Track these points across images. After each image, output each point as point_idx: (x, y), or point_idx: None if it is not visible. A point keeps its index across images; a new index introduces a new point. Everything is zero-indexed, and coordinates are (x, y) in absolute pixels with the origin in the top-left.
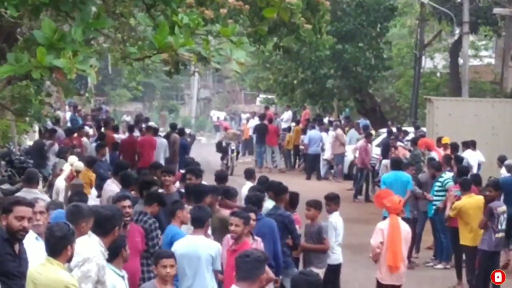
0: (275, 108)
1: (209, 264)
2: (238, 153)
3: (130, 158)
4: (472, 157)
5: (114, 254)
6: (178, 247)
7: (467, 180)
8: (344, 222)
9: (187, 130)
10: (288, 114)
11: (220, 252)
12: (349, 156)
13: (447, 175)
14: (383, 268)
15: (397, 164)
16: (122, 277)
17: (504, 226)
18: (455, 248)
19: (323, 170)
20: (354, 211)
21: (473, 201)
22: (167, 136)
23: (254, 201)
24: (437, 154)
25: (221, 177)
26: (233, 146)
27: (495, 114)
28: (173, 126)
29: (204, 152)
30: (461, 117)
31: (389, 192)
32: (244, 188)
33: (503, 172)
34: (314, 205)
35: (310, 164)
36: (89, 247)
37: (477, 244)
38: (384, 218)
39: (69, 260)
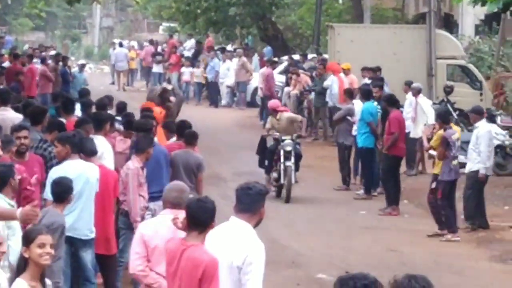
0: (178, 37)
1: (95, 187)
2: (300, 157)
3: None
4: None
5: (2, 183)
6: (69, 171)
7: (446, 112)
8: (246, 149)
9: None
10: (191, 43)
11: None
12: (253, 84)
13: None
14: None
15: (369, 94)
16: (12, 206)
17: (457, 153)
18: (388, 175)
19: (226, 97)
20: (256, 138)
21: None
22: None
23: (145, 128)
24: (338, 80)
25: (101, 105)
26: (288, 145)
27: (396, 40)
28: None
29: (107, 80)
30: (363, 44)
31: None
32: None
33: (409, 97)
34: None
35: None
36: None
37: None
38: None
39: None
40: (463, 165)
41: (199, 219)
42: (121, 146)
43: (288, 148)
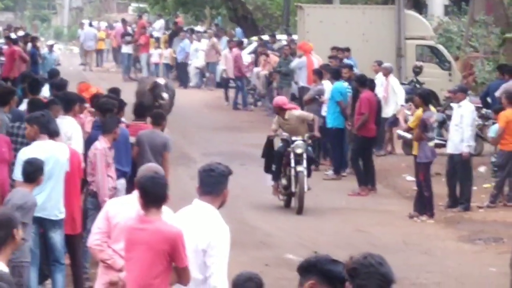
0: (148, 17)
1: (65, 167)
2: (312, 160)
3: None
4: None
5: None
6: (38, 151)
7: (429, 94)
8: (215, 130)
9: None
10: (160, 23)
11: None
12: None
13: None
14: None
15: (339, 74)
16: None
17: (435, 134)
18: (358, 156)
19: (195, 78)
20: (225, 119)
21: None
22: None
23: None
24: (306, 59)
25: (60, 85)
26: (299, 147)
27: (366, 20)
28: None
29: (77, 61)
30: (332, 24)
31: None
32: None
33: (379, 77)
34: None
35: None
36: None
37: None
38: None
39: None
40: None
41: (157, 195)
42: (90, 127)
43: (299, 151)
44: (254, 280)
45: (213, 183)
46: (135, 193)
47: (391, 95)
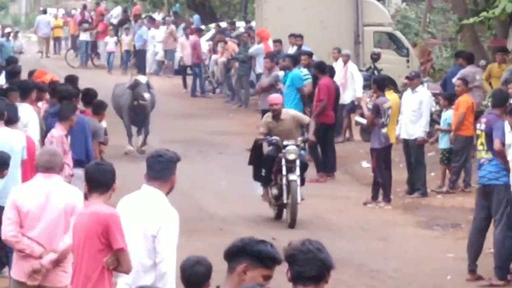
0: (106, 4)
1: (20, 155)
2: (306, 166)
3: None
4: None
5: None
6: None
7: (384, 79)
8: (174, 117)
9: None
10: (117, 10)
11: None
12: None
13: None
14: None
15: (296, 61)
16: None
17: (388, 121)
18: (316, 143)
19: (153, 65)
20: (184, 106)
21: (392, 98)
22: None
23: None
24: (264, 46)
25: (13, 72)
26: (292, 153)
27: (323, 8)
28: None
29: (34, 49)
30: (290, 11)
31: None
32: None
33: (338, 63)
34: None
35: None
36: None
37: (394, 141)
38: None
39: None
40: None
41: (98, 180)
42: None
43: (292, 157)
44: (203, 263)
45: (161, 169)
46: (37, 177)
47: (350, 81)
